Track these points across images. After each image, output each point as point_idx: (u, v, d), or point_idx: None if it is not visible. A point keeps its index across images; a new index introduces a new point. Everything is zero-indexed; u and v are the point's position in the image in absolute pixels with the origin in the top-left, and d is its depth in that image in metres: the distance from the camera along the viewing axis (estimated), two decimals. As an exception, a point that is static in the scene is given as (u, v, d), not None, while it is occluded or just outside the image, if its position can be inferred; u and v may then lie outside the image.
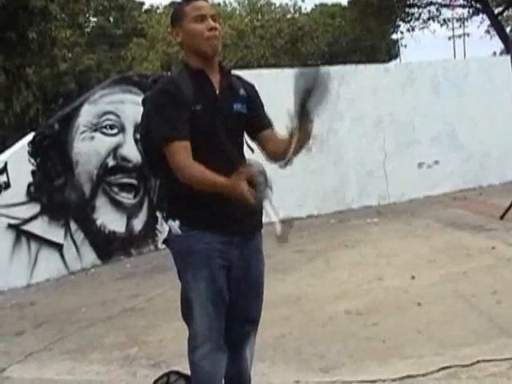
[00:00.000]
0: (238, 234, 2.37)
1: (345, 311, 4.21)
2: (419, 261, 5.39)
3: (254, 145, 2.53)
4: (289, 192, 7.83)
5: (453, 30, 28.86)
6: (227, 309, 2.41)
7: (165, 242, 2.49)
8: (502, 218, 6.63)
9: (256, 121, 2.49)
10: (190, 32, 2.33)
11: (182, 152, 2.24)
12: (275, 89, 7.84)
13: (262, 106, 2.55)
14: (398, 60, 34.82)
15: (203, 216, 2.31)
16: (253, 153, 2.48)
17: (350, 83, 8.27)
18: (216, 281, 2.34)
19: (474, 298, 4.24)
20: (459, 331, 3.67)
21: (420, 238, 6.29)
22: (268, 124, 2.51)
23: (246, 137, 2.51)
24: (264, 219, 2.45)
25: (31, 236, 6.11)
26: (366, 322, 3.98)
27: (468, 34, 31.80)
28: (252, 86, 2.54)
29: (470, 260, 5.24)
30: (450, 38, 32.66)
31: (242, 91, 2.45)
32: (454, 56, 34.40)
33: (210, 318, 2.36)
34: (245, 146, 2.50)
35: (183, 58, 2.50)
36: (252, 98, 2.49)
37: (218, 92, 2.37)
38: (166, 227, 2.45)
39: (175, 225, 2.35)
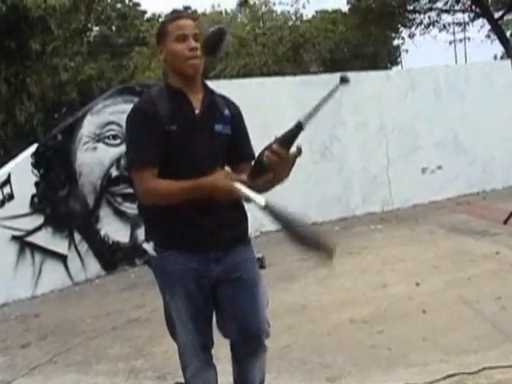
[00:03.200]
0: (213, 249, 2.32)
1: (350, 319, 4.20)
2: (423, 267, 5.38)
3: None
4: (293, 199, 7.80)
5: (453, 34, 28.83)
6: (229, 325, 2.41)
7: (146, 262, 2.48)
8: (505, 222, 6.62)
9: (236, 150, 2.42)
10: (171, 51, 2.32)
11: (144, 178, 2.22)
12: (278, 97, 7.94)
13: (246, 131, 2.49)
14: (399, 66, 34.88)
15: (175, 236, 2.30)
16: None
17: (353, 90, 8.26)
18: (193, 298, 2.33)
19: (478, 304, 4.23)
20: (464, 338, 3.66)
21: (424, 244, 6.28)
22: (247, 157, 2.41)
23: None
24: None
25: (35, 247, 6.12)
26: (371, 329, 3.97)
27: (469, 38, 31.69)
28: (237, 108, 2.48)
29: (474, 265, 5.23)
30: (450, 43, 32.61)
31: (226, 111, 2.41)
32: (456, 60, 34.35)
33: (192, 336, 2.37)
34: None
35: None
36: (236, 121, 2.44)
37: (197, 112, 2.33)
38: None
39: (150, 246, 2.35)
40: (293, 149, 2.13)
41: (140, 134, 2.25)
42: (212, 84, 2.51)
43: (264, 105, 7.59)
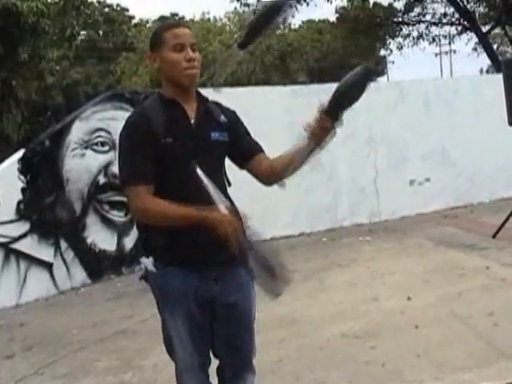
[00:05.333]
0: (213, 268, 2.27)
1: (342, 334, 4.16)
2: (414, 281, 5.36)
3: (231, 177, 2.43)
4: (281, 210, 7.81)
5: (439, 46, 29.13)
6: (219, 344, 2.37)
7: (142, 278, 2.38)
8: (494, 236, 6.63)
9: (243, 148, 2.40)
10: (167, 61, 2.25)
11: (138, 195, 2.17)
12: (268, 107, 7.90)
13: (247, 131, 2.45)
14: (385, 76, 35.12)
15: (176, 252, 2.23)
16: (229, 186, 2.40)
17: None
18: (193, 317, 2.27)
19: (471, 319, 4.21)
20: (458, 355, 3.64)
21: (413, 257, 6.26)
22: (258, 149, 2.42)
23: (232, 164, 2.42)
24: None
25: (20, 255, 6.02)
26: (364, 345, 3.93)
27: (454, 51, 32.10)
28: (233, 113, 2.44)
29: (464, 280, 5.22)
30: (436, 55, 32.97)
31: (222, 118, 2.36)
32: (441, 72, 34.70)
33: (191, 356, 2.31)
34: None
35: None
36: (234, 125, 2.39)
37: (193, 121, 2.28)
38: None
39: (149, 262, 2.28)
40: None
41: (134, 149, 2.19)
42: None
43: (253, 114, 7.50)
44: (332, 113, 2.13)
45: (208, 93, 2.46)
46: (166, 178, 2.21)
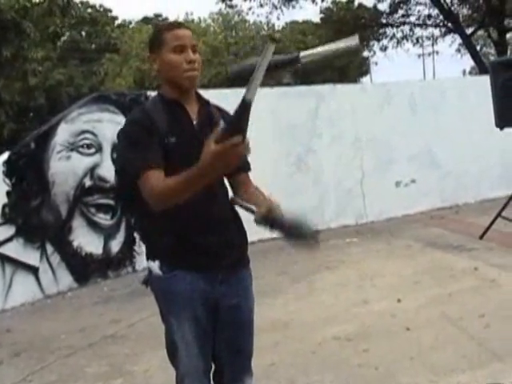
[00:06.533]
0: (219, 270, 2.25)
1: (334, 337, 4.14)
2: (403, 282, 5.36)
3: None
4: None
5: (422, 48, 29.32)
6: (219, 352, 2.34)
7: (145, 282, 2.34)
8: (481, 237, 6.66)
9: None
10: (167, 62, 2.21)
11: (153, 179, 2.07)
12: (255, 108, 7.87)
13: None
14: (368, 77, 35.29)
15: (183, 255, 2.20)
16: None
17: (329, 102, 8.30)
18: (200, 321, 2.24)
19: (462, 321, 4.22)
20: (451, 357, 3.64)
21: (402, 259, 6.27)
22: (244, 167, 2.34)
23: None
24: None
25: (6, 259, 5.91)
26: (356, 348, 3.92)
27: (437, 52, 32.28)
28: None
29: (454, 281, 5.23)
30: (419, 56, 33.16)
31: (221, 123, 2.29)
32: (424, 74, 34.91)
33: (197, 361, 2.27)
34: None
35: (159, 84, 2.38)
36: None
37: (195, 123, 2.25)
38: (147, 264, 2.31)
39: (155, 265, 2.24)
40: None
41: (141, 141, 2.12)
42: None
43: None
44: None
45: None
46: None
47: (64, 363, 4.20)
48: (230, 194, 2.36)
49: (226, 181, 2.36)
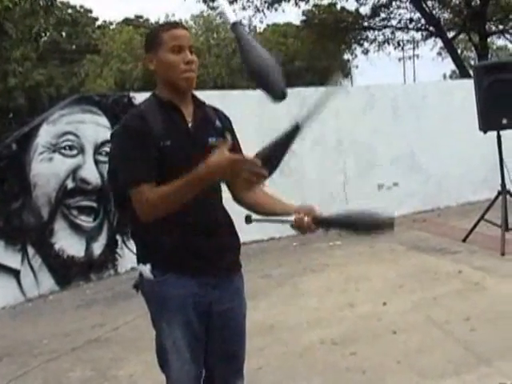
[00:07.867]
0: (214, 274, 2.22)
1: (320, 340, 4.13)
2: (388, 286, 5.37)
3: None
4: (251, 215, 7.75)
5: (403, 51, 29.53)
6: (211, 358, 2.30)
7: (135, 287, 2.29)
8: (464, 240, 6.70)
9: None
10: (164, 62, 2.18)
11: (142, 192, 2.06)
12: (239, 111, 7.84)
13: (238, 142, 2.38)
14: (349, 79, 35.45)
15: (176, 259, 2.16)
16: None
17: (311, 105, 8.29)
18: (192, 326, 2.21)
19: (448, 325, 4.23)
20: (438, 361, 3.64)
21: (385, 262, 6.28)
22: None
23: None
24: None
25: (-14, 261, 5.85)
26: (343, 351, 3.90)
27: (418, 56, 32.59)
28: (228, 119, 2.38)
29: (438, 285, 5.25)
30: (400, 60, 33.44)
31: (217, 123, 2.31)
32: (404, 77, 35.18)
33: (188, 366, 2.23)
34: None
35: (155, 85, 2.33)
36: (226, 133, 2.31)
37: (190, 125, 2.22)
38: (138, 267, 2.26)
39: (147, 269, 2.20)
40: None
41: (133, 152, 2.10)
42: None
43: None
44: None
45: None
46: (164, 181, 2.10)
47: (47, 368, 4.14)
48: (245, 211, 2.37)
49: (222, 184, 2.32)
